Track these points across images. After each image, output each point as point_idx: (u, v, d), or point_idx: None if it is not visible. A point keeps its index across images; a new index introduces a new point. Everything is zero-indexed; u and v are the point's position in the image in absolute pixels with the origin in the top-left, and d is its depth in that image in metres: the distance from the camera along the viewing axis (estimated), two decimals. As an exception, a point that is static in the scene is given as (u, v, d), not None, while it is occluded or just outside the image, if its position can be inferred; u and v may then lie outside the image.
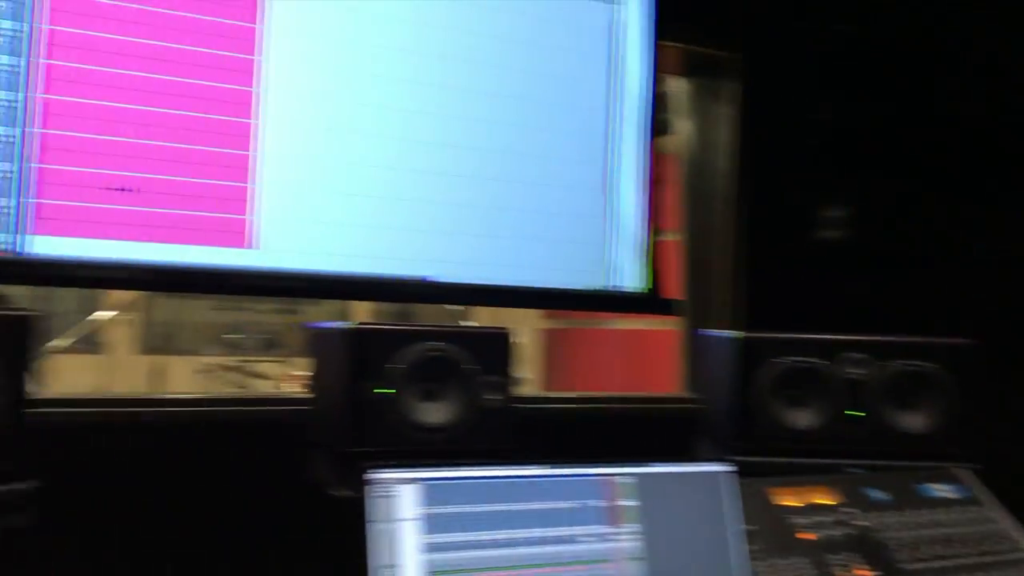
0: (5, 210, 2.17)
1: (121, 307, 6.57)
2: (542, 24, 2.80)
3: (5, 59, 2.16)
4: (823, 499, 1.76)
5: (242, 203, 2.38)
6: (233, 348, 7.84)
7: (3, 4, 2.15)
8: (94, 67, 2.24)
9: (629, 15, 2.92)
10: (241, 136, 2.38)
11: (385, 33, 2.57)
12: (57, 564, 2.05)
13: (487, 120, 2.71)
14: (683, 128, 3.43)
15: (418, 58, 2.61)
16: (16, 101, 2.18)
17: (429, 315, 7.44)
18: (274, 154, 2.42)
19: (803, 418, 2.01)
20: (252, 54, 2.40)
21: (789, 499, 1.75)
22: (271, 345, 9.02)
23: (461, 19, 2.68)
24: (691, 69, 3.36)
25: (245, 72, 2.39)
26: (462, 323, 5.04)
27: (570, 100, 2.84)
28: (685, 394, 3.22)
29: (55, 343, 5.19)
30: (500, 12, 2.73)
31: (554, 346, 8.48)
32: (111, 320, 6.51)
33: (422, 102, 2.61)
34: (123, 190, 2.26)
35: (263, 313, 9.35)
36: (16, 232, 2.18)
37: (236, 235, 2.37)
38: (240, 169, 2.38)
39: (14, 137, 2.19)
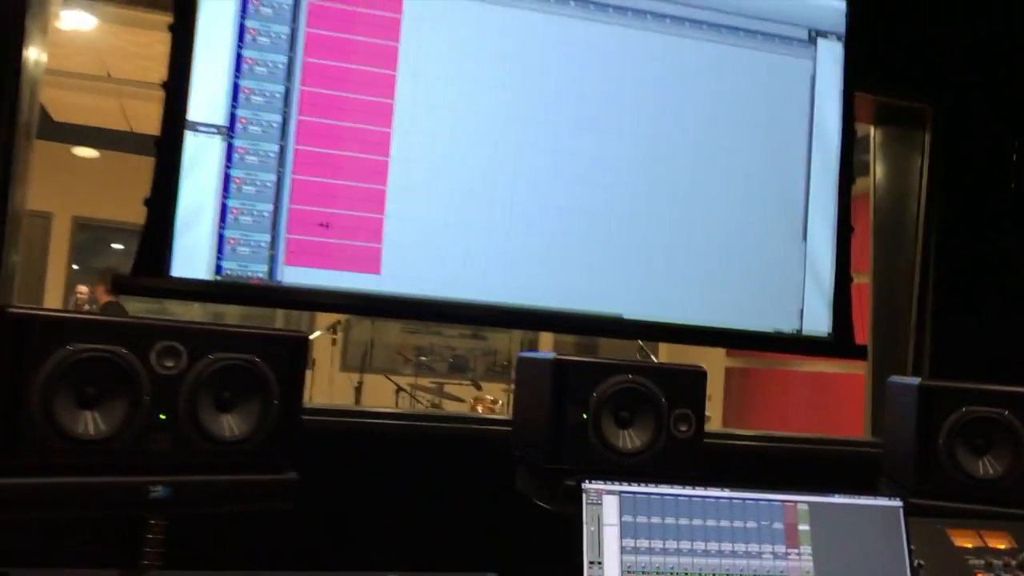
0: (263, 244, 2.56)
1: (326, 327, 7.15)
2: (747, 78, 2.98)
3: (274, 116, 2.57)
4: (1001, 543, 1.81)
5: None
6: (425, 369, 8.32)
7: (277, 70, 2.56)
8: (324, 120, 2.62)
9: (824, 69, 3.04)
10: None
11: (600, 92, 2.83)
12: (307, 543, 2.46)
13: (690, 168, 2.90)
14: (876, 173, 3.50)
15: (624, 111, 2.85)
16: (275, 151, 2.58)
17: (613, 349, 7.62)
18: (484, 204, 2.72)
19: (984, 467, 2.05)
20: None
21: (967, 540, 1.82)
22: (460, 368, 9.49)
23: (669, 75, 2.89)
24: (883, 118, 3.43)
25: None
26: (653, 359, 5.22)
27: (771, 150, 2.99)
28: (868, 438, 3.26)
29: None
30: (705, 68, 2.93)
31: (738, 384, 8.47)
32: (318, 339, 7.09)
33: (629, 151, 2.84)
34: (324, 225, 2.63)
35: (451, 337, 9.84)
36: (271, 263, 2.57)
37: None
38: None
39: (271, 182, 2.58)
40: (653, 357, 5.61)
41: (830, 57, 3.06)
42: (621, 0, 2.85)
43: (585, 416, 1.95)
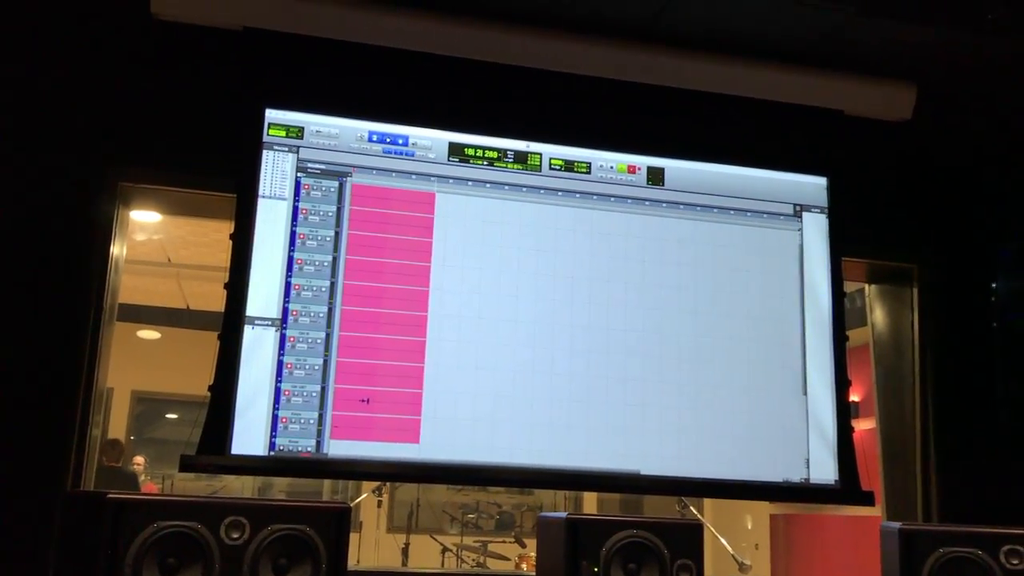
0: (312, 421, 2.89)
1: (371, 490, 7.35)
2: (741, 251, 3.33)
3: (321, 307, 2.94)
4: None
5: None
6: (471, 527, 8.43)
7: (323, 268, 2.96)
8: (364, 308, 2.99)
9: (811, 238, 3.38)
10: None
11: (610, 270, 3.19)
12: None
13: (694, 335, 3.22)
14: (873, 326, 3.78)
15: (631, 286, 3.20)
16: (322, 338, 2.94)
17: (655, 504, 7.71)
18: (508, 376, 3.04)
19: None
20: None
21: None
22: (505, 525, 9.56)
23: (671, 252, 3.26)
24: (874, 277, 3.74)
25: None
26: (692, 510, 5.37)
27: (767, 314, 3.31)
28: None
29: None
30: (704, 244, 3.29)
31: (784, 531, 8.48)
32: (364, 501, 7.29)
33: (639, 322, 3.17)
34: (365, 401, 2.96)
35: (497, 494, 9.96)
36: (319, 437, 2.89)
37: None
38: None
39: (318, 365, 2.93)
40: (692, 508, 5.74)
41: (815, 228, 3.41)
42: (625, 191, 3.25)
43: (596, 569, 2.20)
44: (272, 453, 2.83)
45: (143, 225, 5.71)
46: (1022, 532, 2.30)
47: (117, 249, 3.04)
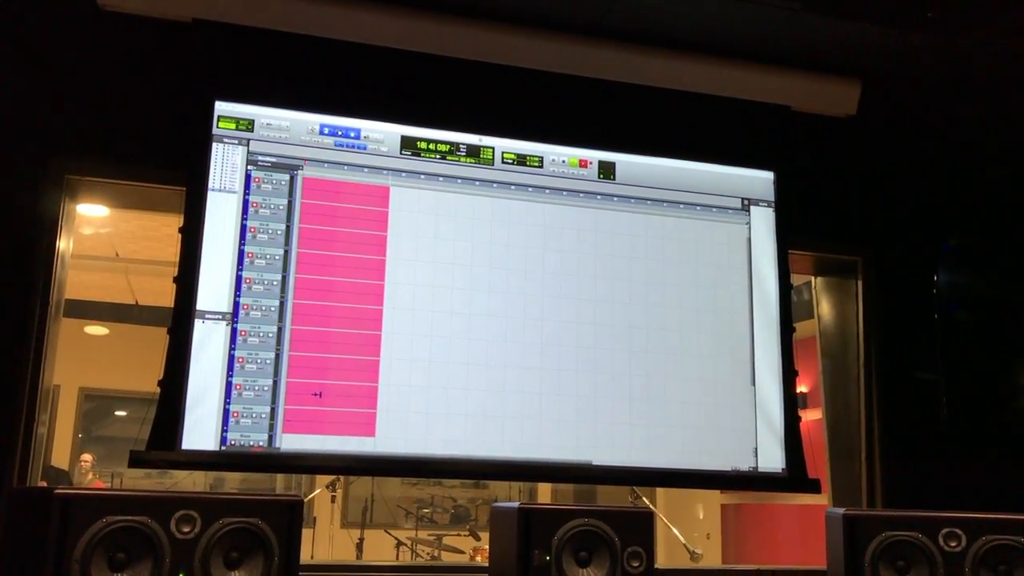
0: (263, 415, 2.88)
1: (325, 485, 7.33)
2: (690, 244, 3.37)
3: (273, 301, 2.93)
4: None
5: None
6: (426, 521, 8.44)
7: (275, 261, 2.94)
8: (317, 302, 2.98)
9: (758, 231, 3.44)
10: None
11: (560, 264, 3.21)
12: None
13: (644, 327, 3.26)
14: (820, 318, 3.86)
15: (582, 279, 3.22)
16: (274, 331, 2.93)
17: (609, 494, 7.78)
18: (461, 368, 3.06)
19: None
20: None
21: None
22: (460, 519, 9.59)
23: (621, 246, 3.29)
24: (821, 269, 3.82)
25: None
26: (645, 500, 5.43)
27: (717, 307, 3.35)
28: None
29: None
30: (653, 237, 3.33)
31: (734, 520, 8.61)
32: (317, 497, 7.26)
33: (589, 315, 3.20)
34: (318, 395, 2.95)
35: (452, 488, 9.98)
36: (270, 432, 2.87)
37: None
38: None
39: (270, 360, 2.92)
40: (644, 499, 5.81)
41: (763, 221, 3.46)
42: (577, 185, 3.28)
43: (548, 558, 2.22)
44: (223, 448, 2.81)
45: (90, 219, 5.62)
46: (959, 516, 2.37)
47: (63, 243, 2.99)
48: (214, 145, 2.97)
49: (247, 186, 2.98)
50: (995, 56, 3.27)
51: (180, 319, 2.85)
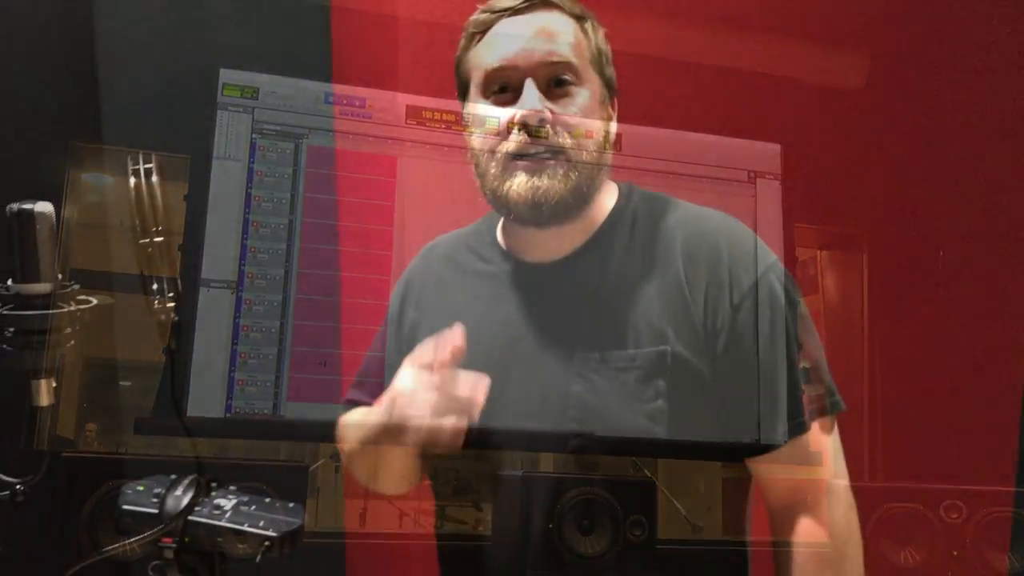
0: (268, 384, 2.89)
1: (329, 455, 7.35)
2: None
3: (278, 270, 2.93)
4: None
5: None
6: (427, 492, 8.46)
7: (280, 231, 2.94)
8: (323, 272, 2.97)
9: (764, 205, 3.42)
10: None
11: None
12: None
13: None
14: (826, 289, 3.86)
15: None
16: (279, 300, 2.93)
17: (610, 467, 7.76)
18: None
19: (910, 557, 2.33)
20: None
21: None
22: (463, 490, 9.64)
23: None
24: (826, 244, 3.81)
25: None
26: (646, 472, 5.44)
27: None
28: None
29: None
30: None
31: (735, 494, 8.65)
32: (321, 467, 7.28)
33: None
34: (323, 364, 2.96)
35: (455, 459, 10.01)
36: (275, 400, 2.88)
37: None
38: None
39: (275, 328, 2.92)
40: (646, 472, 5.81)
41: (769, 194, 3.44)
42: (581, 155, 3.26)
43: (551, 526, 2.24)
44: (228, 415, 2.82)
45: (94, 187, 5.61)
46: (961, 488, 2.39)
47: (68, 212, 3.00)
48: (219, 113, 2.96)
49: (252, 154, 2.97)
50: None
51: (185, 287, 2.85)
